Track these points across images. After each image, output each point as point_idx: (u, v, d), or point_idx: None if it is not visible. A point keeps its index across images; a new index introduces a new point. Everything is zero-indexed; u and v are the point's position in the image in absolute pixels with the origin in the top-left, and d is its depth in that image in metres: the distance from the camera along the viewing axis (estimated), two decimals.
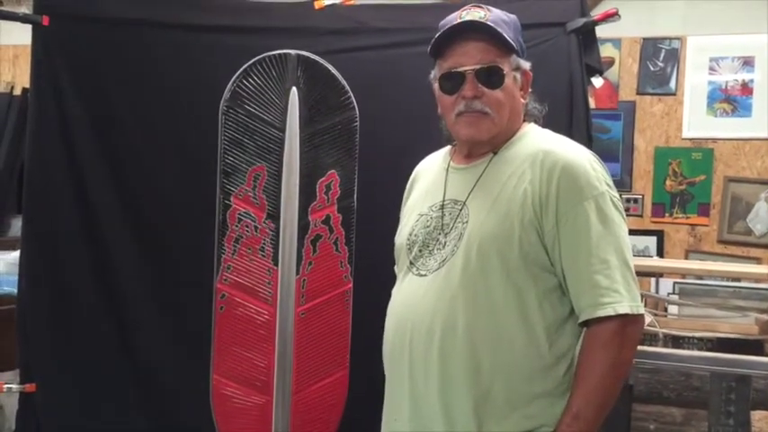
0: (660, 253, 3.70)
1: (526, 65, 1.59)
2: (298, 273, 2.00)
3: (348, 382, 2.04)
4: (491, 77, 1.52)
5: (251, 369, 2.00)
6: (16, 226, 3.34)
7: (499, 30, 1.51)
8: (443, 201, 1.58)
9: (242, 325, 1.99)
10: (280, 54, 1.98)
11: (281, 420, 1.99)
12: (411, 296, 1.54)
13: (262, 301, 2.00)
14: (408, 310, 1.53)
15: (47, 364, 2.08)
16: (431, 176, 1.68)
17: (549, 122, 1.65)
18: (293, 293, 1.99)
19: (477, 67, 1.52)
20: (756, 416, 2.26)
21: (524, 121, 1.61)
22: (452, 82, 1.54)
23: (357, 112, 2.01)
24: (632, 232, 1.54)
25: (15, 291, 2.14)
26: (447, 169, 1.62)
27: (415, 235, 1.59)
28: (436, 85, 1.59)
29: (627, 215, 1.52)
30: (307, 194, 2.00)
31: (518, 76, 1.57)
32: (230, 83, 1.96)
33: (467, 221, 1.51)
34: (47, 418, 2.07)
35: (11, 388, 2.08)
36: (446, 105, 1.57)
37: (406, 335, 1.51)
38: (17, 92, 3.95)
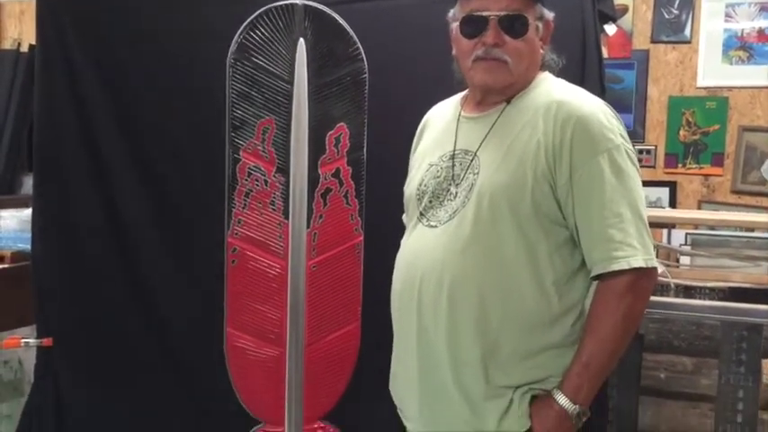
0: (673, 204, 3.67)
1: (549, 15, 1.55)
2: (308, 226, 2.00)
3: (360, 333, 2.06)
4: (514, 25, 1.49)
5: (264, 322, 2.02)
6: (28, 184, 3.35)
7: None
8: (454, 151, 1.56)
9: (254, 278, 2.00)
10: (286, 4, 1.95)
11: (295, 372, 2.01)
12: (421, 247, 1.54)
13: (273, 254, 2.00)
14: (418, 261, 1.53)
15: (62, 318, 2.10)
16: (441, 124, 1.66)
17: (561, 71, 1.62)
18: (304, 247, 2.00)
19: (503, 13, 1.48)
20: None
21: (539, 70, 1.58)
22: (474, 26, 1.50)
23: (366, 64, 1.99)
24: (645, 183, 1.52)
25: (29, 247, 2.16)
26: (458, 118, 1.60)
27: (425, 185, 1.58)
28: (455, 26, 1.55)
29: (639, 166, 1.50)
30: (316, 147, 1.99)
31: (540, 25, 1.54)
32: (237, 35, 1.94)
33: (478, 172, 1.50)
34: (64, 372, 2.10)
35: (28, 343, 2.11)
36: (463, 49, 1.54)
37: (414, 286, 1.52)
38: (24, 48, 3.91)
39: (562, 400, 1.44)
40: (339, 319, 2.05)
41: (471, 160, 1.52)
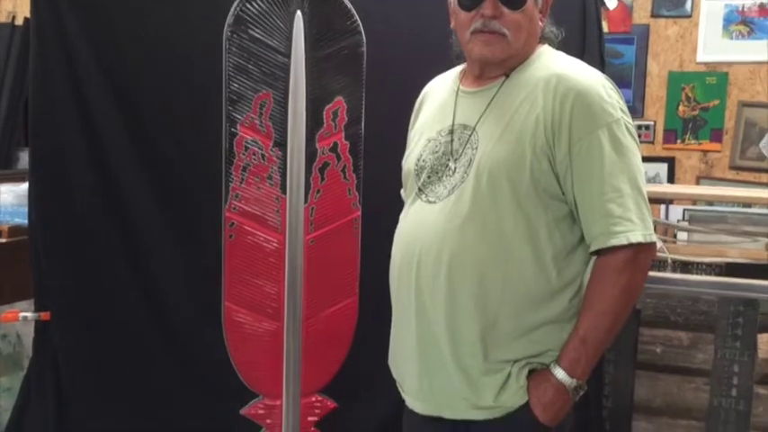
0: (671, 180, 3.66)
1: None
2: (306, 201, 1.99)
3: (358, 307, 2.06)
4: None
5: (261, 296, 2.02)
6: (24, 158, 3.33)
7: None
8: (453, 125, 1.55)
9: (252, 253, 2.00)
10: None
11: (293, 346, 2.02)
12: (420, 223, 1.53)
13: (271, 229, 2.00)
14: (417, 236, 1.52)
15: (60, 292, 2.11)
16: (440, 99, 1.64)
17: (561, 46, 1.61)
18: (302, 221, 1.99)
19: None
20: (764, 338, 2.28)
21: (539, 43, 1.57)
22: None
23: (364, 37, 1.97)
24: (643, 159, 1.52)
25: (26, 222, 2.16)
26: (457, 92, 1.59)
27: (424, 160, 1.57)
28: None
29: (638, 142, 1.50)
30: (313, 122, 1.97)
31: None
32: (233, 7, 1.91)
33: (476, 147, 1.49)
34: (62, 346, 2.11)
35: (26, 317, 2.11)
36: (461, 21, 1.52)
37: (413, 261, 1.51)
38: (19, 21, 3.87)
39: (560, 373, 1.44)
40: (336, 293, 2.05)
41: (470, 135, 1.51)
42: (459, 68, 1.66)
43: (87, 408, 2.12)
